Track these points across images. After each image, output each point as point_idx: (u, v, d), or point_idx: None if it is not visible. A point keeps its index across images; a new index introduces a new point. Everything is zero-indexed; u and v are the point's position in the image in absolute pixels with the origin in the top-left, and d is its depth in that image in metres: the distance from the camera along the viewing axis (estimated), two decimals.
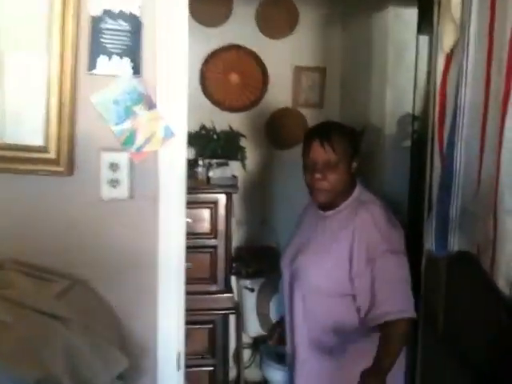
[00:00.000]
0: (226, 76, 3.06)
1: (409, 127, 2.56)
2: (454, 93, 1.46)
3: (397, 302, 1.45)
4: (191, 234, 2.60)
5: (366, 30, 2.79)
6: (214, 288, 2.70)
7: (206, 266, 2.68)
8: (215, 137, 2.92)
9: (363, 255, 1.47)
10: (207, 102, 3.06)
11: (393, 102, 2.64)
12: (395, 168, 2.60)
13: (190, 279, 2.62)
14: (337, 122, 1.68)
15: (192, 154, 2.87)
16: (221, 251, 2.68)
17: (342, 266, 1.50)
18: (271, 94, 3.12)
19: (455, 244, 1.49)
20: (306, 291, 1.60)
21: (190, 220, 2.61)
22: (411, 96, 2.52)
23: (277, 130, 3.13)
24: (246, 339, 3.08)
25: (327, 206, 1.61)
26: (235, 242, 3.06)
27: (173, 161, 1.44)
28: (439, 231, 1.51)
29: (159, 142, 1.42)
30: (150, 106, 1.42)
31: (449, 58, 1.53)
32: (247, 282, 2.90)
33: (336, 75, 3.17)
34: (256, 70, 3.08)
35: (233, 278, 2.92)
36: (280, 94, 3.13)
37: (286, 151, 3.12)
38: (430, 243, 1.56)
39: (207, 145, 2.87)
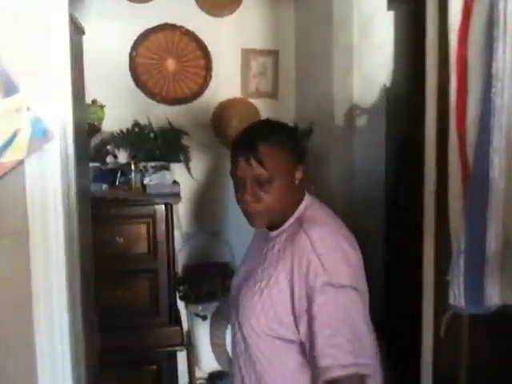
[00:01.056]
0: (161, 62, 2.65)
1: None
2: (483, 54, 1.03)
3: (339, 353, 1.13)
4: (124, 257, 2.22)
5: (324, 3, 2.38)
6: (156, 321, 2.30)
7: (144, 294, 2.29)
8: (152, 135, 2.57)
9: (303, 292, 1.19)
10: (140, 94, 2.65)
11: (361, 88, 2.26)
12: (369, 172, 2.25)
13: (126, 312, 2.23)
14: (271, 122, 1.37)
15: (123, 157, 2.52)
16: (163, 275, 2.29)
17: (284, 308, 1.23)
18: (216, 83, 2.74)
19: (495, 295, 1.08)
20: (247, 336, 1.31)
21: (121, 240, 2.19)
22: (383, 80, 2.14)
23: (225, 125, 2.73)
24: (200, 374, 2.63)
25: (272, 225, 1.36)
26: (182, 259, 2.71)
27: (49, 174, 0.95)
28: (470, 277, 1.08)
29: (25, 146, 0.94)
30: (9, 89, 0.98)
31: (468, 5, 1.09)
32: (198, 309, 2.49)
33: (291, 59, 2.83)
34: (197, 55, 2.68)
35: (181, 304, 2.56)
36: (227, 82, 2.75)
37: None
38: (455, 296, 1.13)
39: (142, 145, 2.53)
